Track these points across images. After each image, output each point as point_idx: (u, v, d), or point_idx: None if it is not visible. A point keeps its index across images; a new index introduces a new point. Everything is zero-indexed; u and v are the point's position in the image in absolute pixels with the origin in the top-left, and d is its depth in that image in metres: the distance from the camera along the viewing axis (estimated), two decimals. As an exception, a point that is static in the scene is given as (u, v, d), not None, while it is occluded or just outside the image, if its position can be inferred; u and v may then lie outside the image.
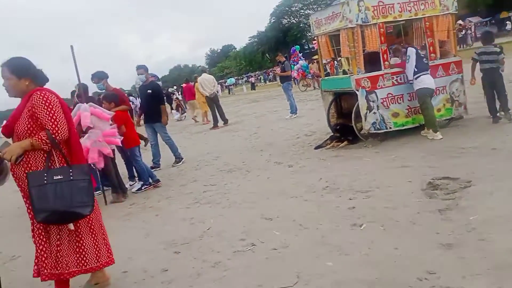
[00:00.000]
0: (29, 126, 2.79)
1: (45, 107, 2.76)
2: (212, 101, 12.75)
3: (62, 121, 2.79)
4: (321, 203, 4.27)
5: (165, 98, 22.78)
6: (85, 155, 5.46)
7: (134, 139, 6.23)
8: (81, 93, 6.03)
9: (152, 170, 6.68)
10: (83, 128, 5.51)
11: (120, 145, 5.82)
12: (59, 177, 2.76)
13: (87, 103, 5.64)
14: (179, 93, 27.98)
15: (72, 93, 7.37)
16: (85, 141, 5.50)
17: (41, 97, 2.77)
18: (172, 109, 22.89)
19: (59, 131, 2.76)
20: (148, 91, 7.28)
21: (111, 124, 5.75)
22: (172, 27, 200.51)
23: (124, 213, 5.31)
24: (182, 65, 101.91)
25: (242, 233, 3.81)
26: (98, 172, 6.03)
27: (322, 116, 8.00)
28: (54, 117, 2.76)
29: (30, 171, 2.78)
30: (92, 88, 7.07)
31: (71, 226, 2.88)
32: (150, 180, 6.31)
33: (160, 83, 23.05)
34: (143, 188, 6.26)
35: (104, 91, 6.61)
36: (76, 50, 5.65)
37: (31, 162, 2.81)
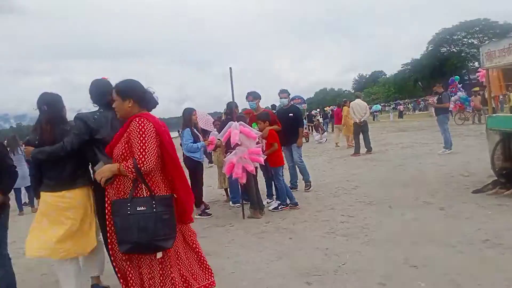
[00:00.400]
0: (123, 151, 2.75)
1: (138, 135, 2.68)
2: (360, 128, 12.35)
3: (150, 152, 2.66)
4: (480, 259, 3.64)
5: (306, 119, 23.31)
6: (231, 169, 5.80)
7: (280, 159, 6.36)
8: (233, 111, 6.41)
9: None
10: (232, 144, 5.83)
11: (263, 163, 5.97)
12: (142, 208, 2.66)
13: (238, 121, 5.95)
14: (321, 115, 28.19)
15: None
16: (231, 157, 5.82)
17: (137, 124, 2.70)
18: (312, 130, 23.09)
19: (145, 162, 2.63)
20: (290, 114, 7.35)
21: (257, 143, 5.97)
22: (323, 51, 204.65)
23: (260, 230, 5.38)
24: (328, 88, 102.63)
25: (381, 276, 3.46)
26: (239, 187, 6.31)
27: (483, 156, 7.03)
28: (143, 147, 2.66)
29: (116, 198, 2.78)
30: (241, 105, 7.46)
31: (159, 254, 2.79)
32: (288, 201, 6.32)
33: (305, 105, 23.37)
34: (279, 207, 6.31)
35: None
36: (234, 70, 6.05)
37: (120, 187, 2.79)
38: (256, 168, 6.01)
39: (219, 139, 6.32)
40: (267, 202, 6.76)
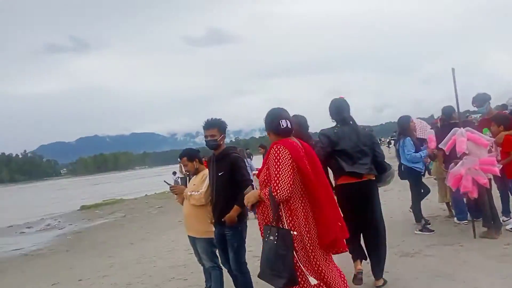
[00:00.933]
0: (265, 178, 2.89)
1: (274, 163, 2.76)
2: None
3: (284, 181, 2.70)
4: None
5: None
6: (458, 182, 5.22)
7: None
8: (457, 117, 5.77)
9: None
10: (458, 154, 5.25)
11: (499, 174, 5.17)
12: (271, 237, 2.71)
13: (464, 127, 5.33)
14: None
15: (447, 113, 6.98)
16: (458, 168, 5.23)
17: (274, 152, 2.79)
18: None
19: (278, 191, 2.68)
20: None
21: (489, 151, 5.22)
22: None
23: (499, 253, 4.65)
24: None
25: None
26: (465, 201, 5.63)
27: None
28: (277, 175, 2.71)
29: (262, 223, 2.91)
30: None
31: (313, 280, 2.72)
32: (531, 221, 5.30)
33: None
34: (520, 227, 5.34)
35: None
36: (436, 71, 5.49)
37: (265, 213, 2.90)
38: (489, 179, 5.24)
39: (440, 148, 5.77)
40: (503, 220, 5.79)
